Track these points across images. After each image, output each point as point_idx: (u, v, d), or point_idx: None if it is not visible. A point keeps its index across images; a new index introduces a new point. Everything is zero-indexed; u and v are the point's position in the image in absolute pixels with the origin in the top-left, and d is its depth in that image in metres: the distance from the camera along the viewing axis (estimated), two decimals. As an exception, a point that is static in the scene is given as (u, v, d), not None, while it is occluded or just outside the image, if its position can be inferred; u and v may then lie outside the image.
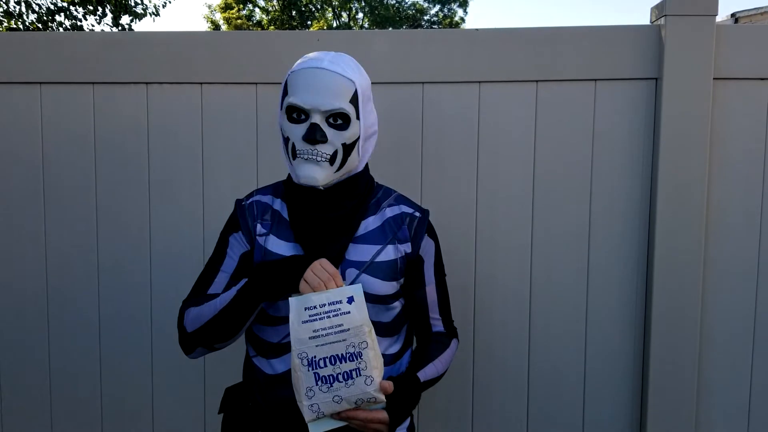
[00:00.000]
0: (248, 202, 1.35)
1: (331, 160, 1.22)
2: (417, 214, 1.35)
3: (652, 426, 1.82)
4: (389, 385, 1.14)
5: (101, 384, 1.97)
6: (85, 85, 1.90)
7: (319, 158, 1.21)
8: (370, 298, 1.25)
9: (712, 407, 1.88)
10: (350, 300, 1.10)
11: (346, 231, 1.27)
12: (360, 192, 1.30)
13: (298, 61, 1.26)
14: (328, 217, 1.26)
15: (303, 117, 1.22)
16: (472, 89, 1.83)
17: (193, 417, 1.96)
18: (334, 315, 1.10)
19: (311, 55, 1.26)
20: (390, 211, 1.33)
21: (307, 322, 1.09)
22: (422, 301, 1.37)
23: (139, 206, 1.91)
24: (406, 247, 1.31)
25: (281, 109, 1.26)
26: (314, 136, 1.20)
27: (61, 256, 1.94)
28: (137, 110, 1.90)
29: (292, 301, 1.11)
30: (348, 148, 1.24)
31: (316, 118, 1.21)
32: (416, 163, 1.86)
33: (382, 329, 1.29)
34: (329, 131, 1.21)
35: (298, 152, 1.22)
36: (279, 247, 1.28)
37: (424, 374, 1.28)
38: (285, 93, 1.25)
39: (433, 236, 1.38)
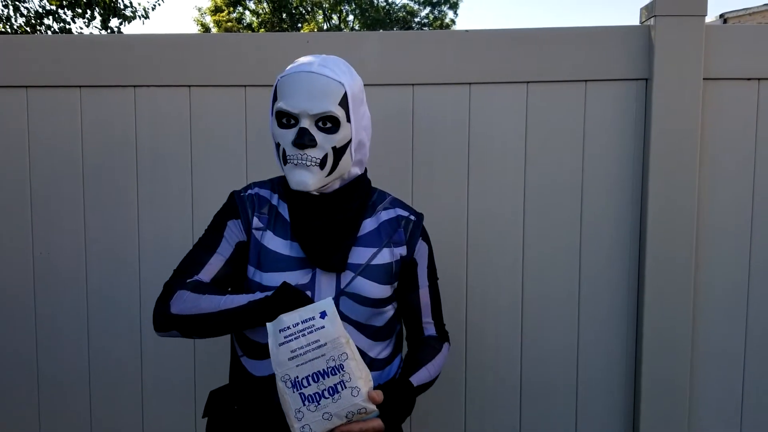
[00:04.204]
0: (247, 193, 1.32)
1: (322, 164, 1.21)
2: (412, 217, 1.35)
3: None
4: (377, 394, 1.12)
5: (90, 387, 1.95)
6: (73, 88, 1.88)
7: (308, 162, 1.21)
8: (365, 302, 1.25)
9: (705, 418, 1.88)
10: (323, 315, 1.09)
11: (347, 235, 1.26)
12: (361, 195, 1.30)
13: (289, 66, 1.26)
14: (333, 221, 1.25)
15: (292, 122, 1.22)
16: (463, 91, 1.83)
17: (183, 421, 1.94)
18: (308, 332, 1.08)
19: (301, 59, 1.26)
20: (385, 214, 1.33)
21: (283, 344, 1.08)
22: (415, 304, 1.37)
23: (127, 211, 1.90)
24: (402, 251, 1.31)
25: (271, 114, 1.26)
26: (303, 140, 1.19)
27: (48, 261, 1.92)
28: (125, 113, 1.88)
29: (269, 326, 1.10)
30: (339, 152, 1.22)
31: (305, 123, 1.20)
32: (407, 164, 1.85)
33: (374, 333, 1.28)
34: (319, 135, 1.20)
35: (288, 157, 1.22)
36: (276, 244, 1.26)
37: (417, 379, 1.27)
38: (275, 98, 1.25)
39: (427, 239, 1.38)
